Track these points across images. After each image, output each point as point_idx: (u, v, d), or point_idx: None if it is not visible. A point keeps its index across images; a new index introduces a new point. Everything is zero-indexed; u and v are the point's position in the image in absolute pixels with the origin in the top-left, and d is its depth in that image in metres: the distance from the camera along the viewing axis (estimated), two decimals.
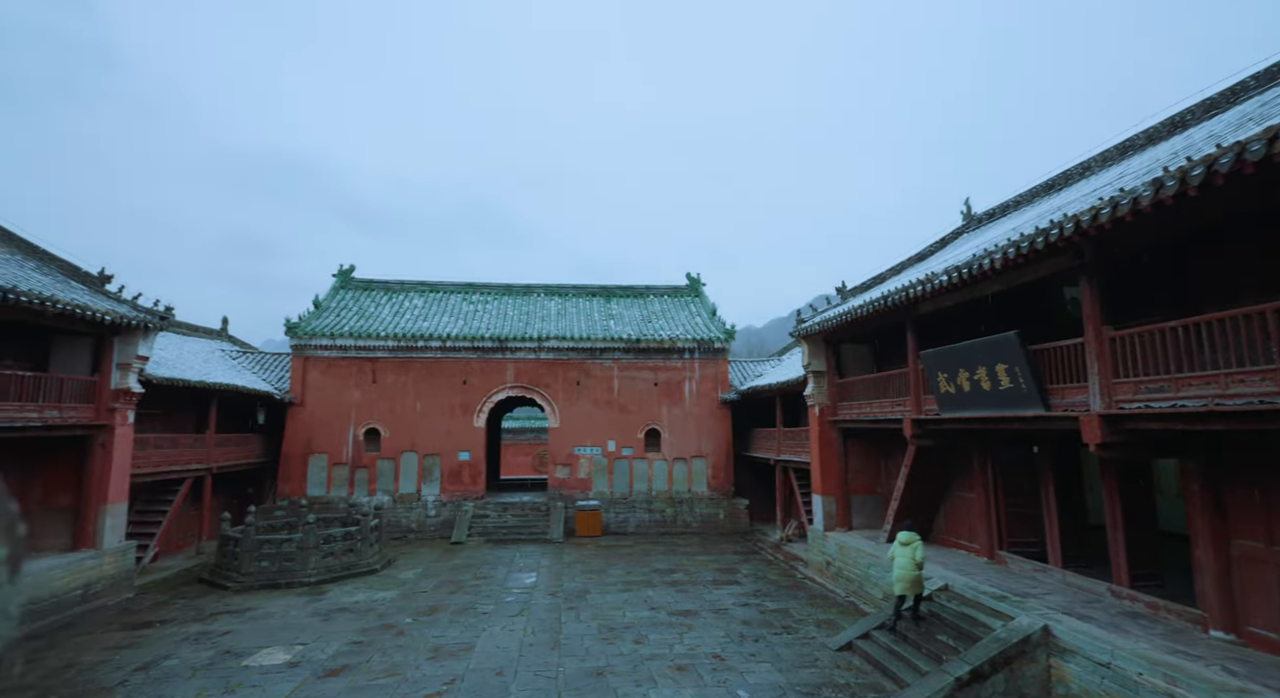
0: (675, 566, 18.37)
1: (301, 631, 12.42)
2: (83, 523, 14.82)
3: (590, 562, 18.92)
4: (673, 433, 25.50)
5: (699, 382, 25.90)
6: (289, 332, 24.23)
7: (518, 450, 46.25)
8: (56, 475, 14.97)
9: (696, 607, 13.98)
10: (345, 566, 17.14)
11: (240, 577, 16.09)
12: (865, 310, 13.75)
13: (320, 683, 9.80)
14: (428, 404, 24.51)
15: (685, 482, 25.30)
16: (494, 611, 13.76)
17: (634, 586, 15.94)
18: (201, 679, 10.00)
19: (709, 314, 28.24)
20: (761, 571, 17.81)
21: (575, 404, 25.27)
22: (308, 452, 23.68)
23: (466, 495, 24.28)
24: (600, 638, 11.85)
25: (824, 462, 17.17)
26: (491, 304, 28.32)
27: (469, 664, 10.54)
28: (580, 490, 24.79)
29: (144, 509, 18.21)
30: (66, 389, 14.16)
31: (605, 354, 25.61)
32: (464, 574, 17.30)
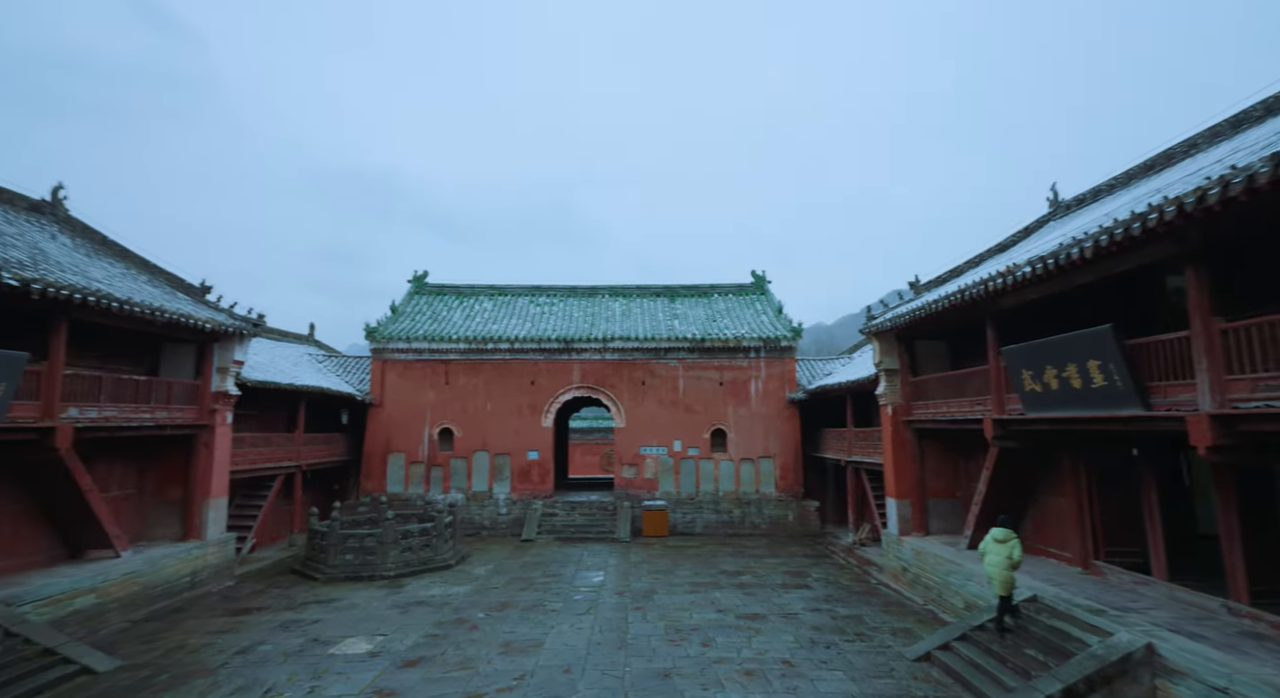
0: (743, 568, 18.11)
1: (382, 622, 13.00)
2: (189, 515, 16.07)
3: (657, 562, 18.92)
4: (739, 433, 25.17)
5: (765, 381, 25.45)
6: (368, 336, 25.46)
7: (585, 450, 46.91)
8: (167, 471, 16.29)
9: (765, 610, 13.72)
10: (422, 560, 17.83)
11: (327, 569, 17.02)
12: (941, 306, 13.10)
13: (398, 673, 10.22)
14: (498, 405, 25.19)
15: (753, 483, 24.92)
16: (562, 608, 13.96)
17: (701, 587, 15.82)
18: (292, 665, 10.62)
19: (775, 312, 27.71)
20: (833, 575, 17.30)
21: (641, 404, 25.35)
22: (387, 451, 24.81)
23: (536, 494, 24.79)
24: (667, 639, 11.81)
25: (898, 464, 16.50)
26: (558, 306, 28.81)
27: (538, 661, 10.73)
28: (647, 490, 24.85)
29: (242, 504, 19.57)
30: (174, 392, 15.39)
31: (670, 354, 25.56)
32: (534, 572, 17.66)
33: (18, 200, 15.81)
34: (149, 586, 13.95)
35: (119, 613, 13.05)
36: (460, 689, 9.54)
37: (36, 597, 11.48)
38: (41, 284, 10.87)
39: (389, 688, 9.59)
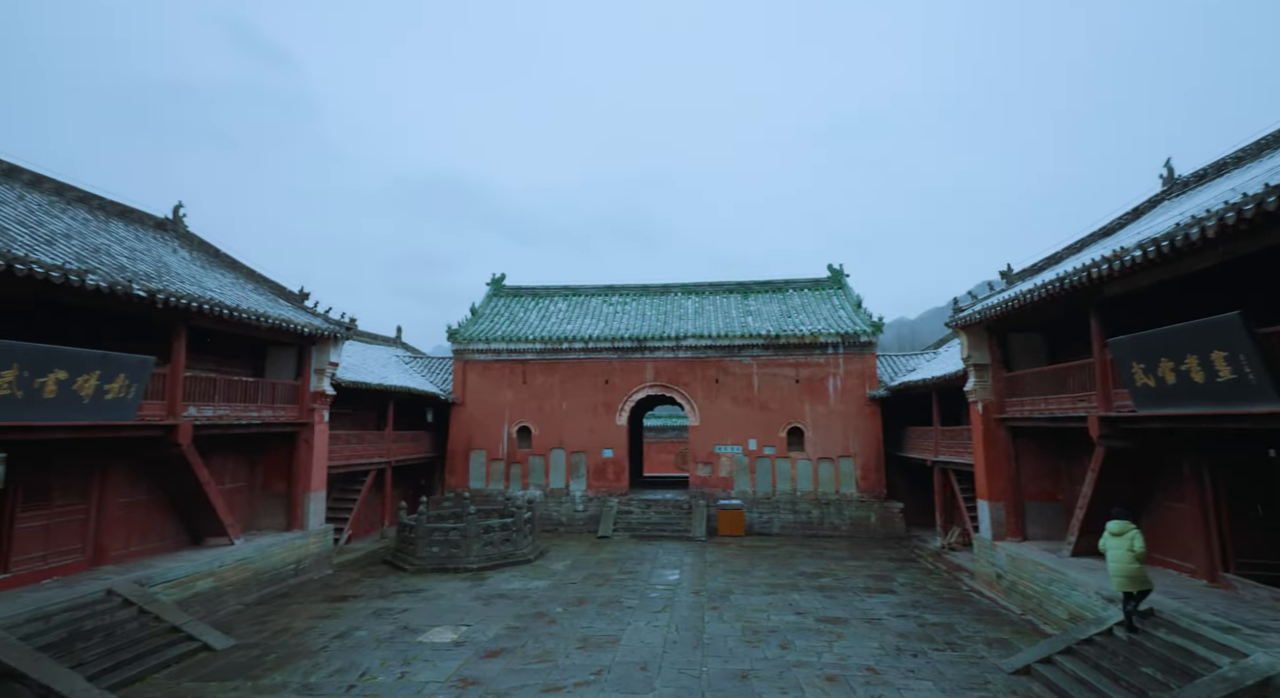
0: (822, 570, 17.59)
1: (466, 613, 13.49)
2: (293, 507, 17.25)
3: (733, 562, 18.68)
4: (816, 432, 24.48)
5: (844, 378, 24.62)
6: (450, 338, 26.51)
7: (660, 448, 47.00)
8: (273, 466, 17.55)
9: (847, 615, 13.25)
10: (503, 555, 18.38)
11: (415, 560, 17.84)
12: (1038, 295, 12.21)
13: (482, 663, 10.55)
14: (573, 403, 25.62)
15: (832, 483, 24.17)
16: (638, 605, 14.01)
17: (779, 588, 15.48)
18: (385, 650, 11.18)
19: (853, 307, 26.76)
20: (920, 580, 16.51)
21: (714, 402, 25.11)
22: (469, 448, 25.75)
23: (611, 492, 25.05)
24: (744, 640, 11.62)
25: (990, 464, 15.53)
26: (630, 305, 28.99)
27: (615, 657, 10.80)
28: (722, 489, 24.60)
29: (339, 497, 20.84)
30: (277, 392, 16.55)
31: (744, 351, 25.18)
32: (610, 568, 17.83)
33: (145, 219, 17.47)
34: (259, 571, 15.08)
35: (234, 596, 14.18)
36: (540, 681, 9.74)
37: (164, 579, 12.64)
38: (164, 294, 11.94)
39: (473, 677, 9.91)
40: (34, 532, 11.96)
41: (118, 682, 9.68)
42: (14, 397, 9.97)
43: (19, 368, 9.90)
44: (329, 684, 9.69)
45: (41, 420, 10.45)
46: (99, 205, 16.22)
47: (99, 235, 14.35)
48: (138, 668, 10.18)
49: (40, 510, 12.12)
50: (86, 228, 14.34)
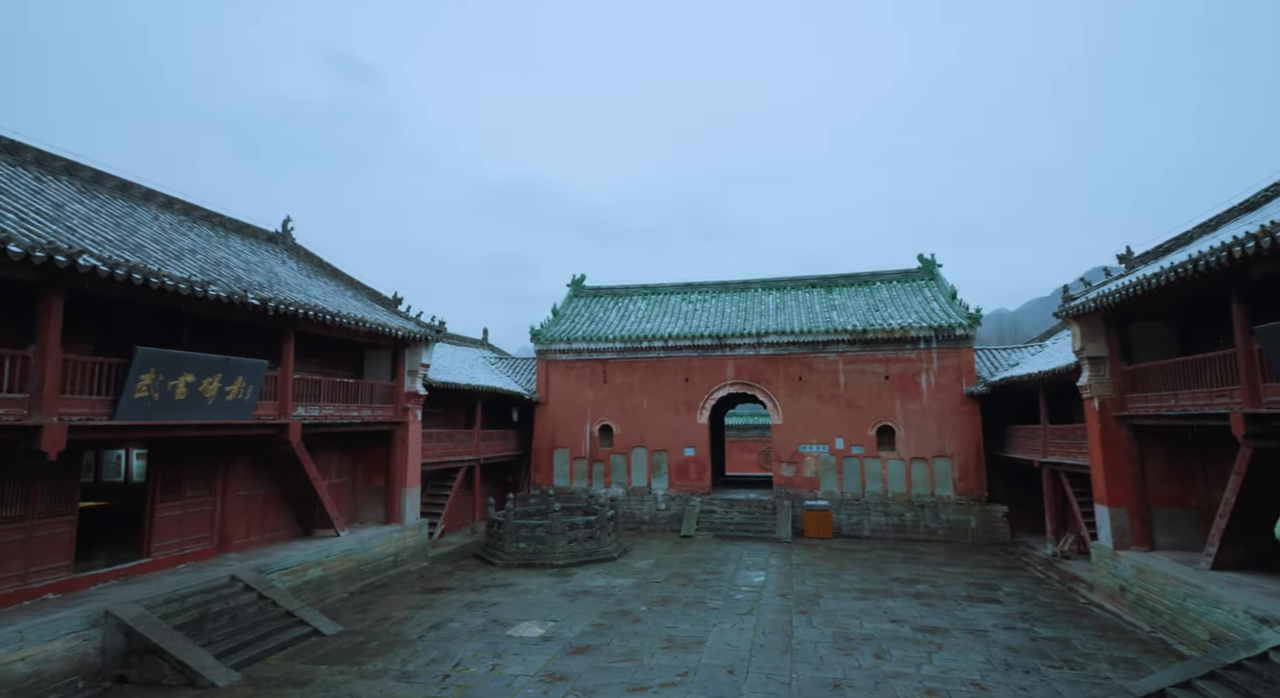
0: (918, 576, 16.67)
1: (552, 609, 13.72)
2: (390, 502, 18.18)
3: (821, 565, 18.05)
4: (908, 430, 23.28)
5: (938, 373, 23.28)
6: (533, 338, 27.18)
7: (742, 447, 46.32)
8: (372, 462, 18.57)
9: (947, 624, 12.46)
10: (587, 552, 18.61)
11: (503, 555, 18.37)
12: (1167, 279, 10.99)
13: (568, 658, 10.67)
14: (653, 402, 25.63)
15: (926, 484, 22.92)
16: (723, 607, 13.78)
17: (871, 594, 14.79)
18: (476, 642, 11.54)
19: (947, 298, 25.26)
20: (1028, 590, 15.32)
21: (798, 400, 24.41)
22: (552, 446, 26.29)
23: (693, 491, 24.86)
24: (836, 647, 11.15)
25: (1110, 466, 14.19)
26: (709, 302, 28.68)
27: (700, 658, 10.64)
28: (808, 489, 23.87)
29: (432, 493, 21.80)
30: (375, 392, 17.49)
31: (828, 347, 24.32)
32: (694, 568, 17.66)
33: (259, 234, 18.93)
34: (362, 562, 15.98)
35: (340, 585, 15.09)
36: (625, 680, 9.73)
37: (280, 567, 13.62)
38: (275, 301, 12.85)
39: (560, 673, 10.04)
40: (170, 521, 13.19)
41: (240, 661, 10.49)
42: (151, 398, 11.01)
43: (155, 372, 10.92)
44: (425, 673, 10.09)
45: (173, 420, 11.48)
46: (220, 223, 17.71)
47: (219, 249, 15.65)
48: (258, 649, 11.00)
49: (175, 502, 13.35)
50: (209, 243, 15.68)
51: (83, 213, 12.41)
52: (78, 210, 12.38)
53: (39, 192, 12.22)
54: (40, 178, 13.01)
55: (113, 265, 9.71)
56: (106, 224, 12.52)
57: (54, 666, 9.29)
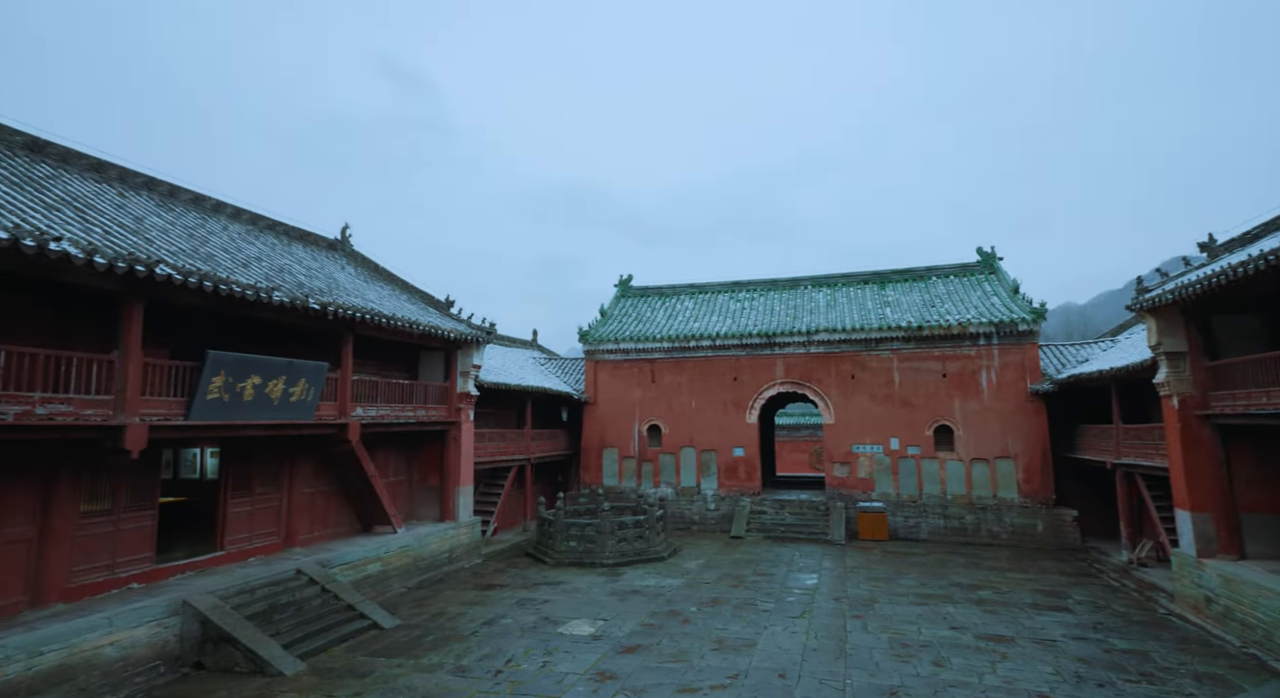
0: (980, 581, 16.01)
1: (602, 607, 13.79)
2: (445, 500, 18.65)
3: (876, 568, 17.55)
4: (968, 430, 22.40)
5: (999, 371, 22.32)
6: (581, 339, 27.41)
7: (793, 447, 45.58)
8: (427, 461, 19.10)
9: (1012, 633, 11.92)
10: (636, 551, 18.64)
11: (554, 554, 18.59)
12: (1257, 267, 10.20)
13: (618, 658, 10.70)
14: (701, 402, 25.47)
15: (988, 486, 22.01)
16: (774, 609, 13.56)
17: (930, 599, 14.29)
18: (528, 639, 11.70)
19: (1009, 292, 24.19)
20: (1102, 598, 14.50)
21: (850, 399, 23.82)
22: (601, 446, 26.46)
23: (743, 491, 24.59)
24: (892, 654, 10.81)
25: (1191, 468, 13.29)
26: (758, 300, 28.32)
27: (751, 661, 10.49)
28: (861, 491, 23.27)
29: (485, 491, 22.25)
30: (429, 393, 17.97)
31: (882, 345, 23.65)
32: (744, 569, 17.46)
33: (319, 241, 19.73)
34: (418, 558, 16.44)
35: (397, 580, 15.57)
36: (675, 681, 9.68)
37: (342, 561, 14.15)
38: (334, 306, 13.36)
39: (610, 671, 10.07)
40: (240, 516, 13.88)
41: (305, 651, 10.94)
42: (222, 400, 11.60)
43: (225, 374, 11.50)
44: (479, 668, 10.29)
45: (242, 420, 12.07)
46: (284, 231, 18.54)
47: (283, 257, 16.37)
48: (321, 640, 11.45)
49: (245, 498, 14.04)
50: (273, 251, 16.43)
51: (160, 225, 13.18)
52: (155, 223, 13.16)
53: (121, 206, 13.05)
54: (123, 193, 13.89)
55: (186, 274, 10.28)
56: (181, 235, 13.26)
57: (139, 651, 9.90)
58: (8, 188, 10.57)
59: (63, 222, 10.33)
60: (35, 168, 12.31)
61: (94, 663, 9.31)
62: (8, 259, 8.56)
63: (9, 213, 9.44)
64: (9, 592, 9.86)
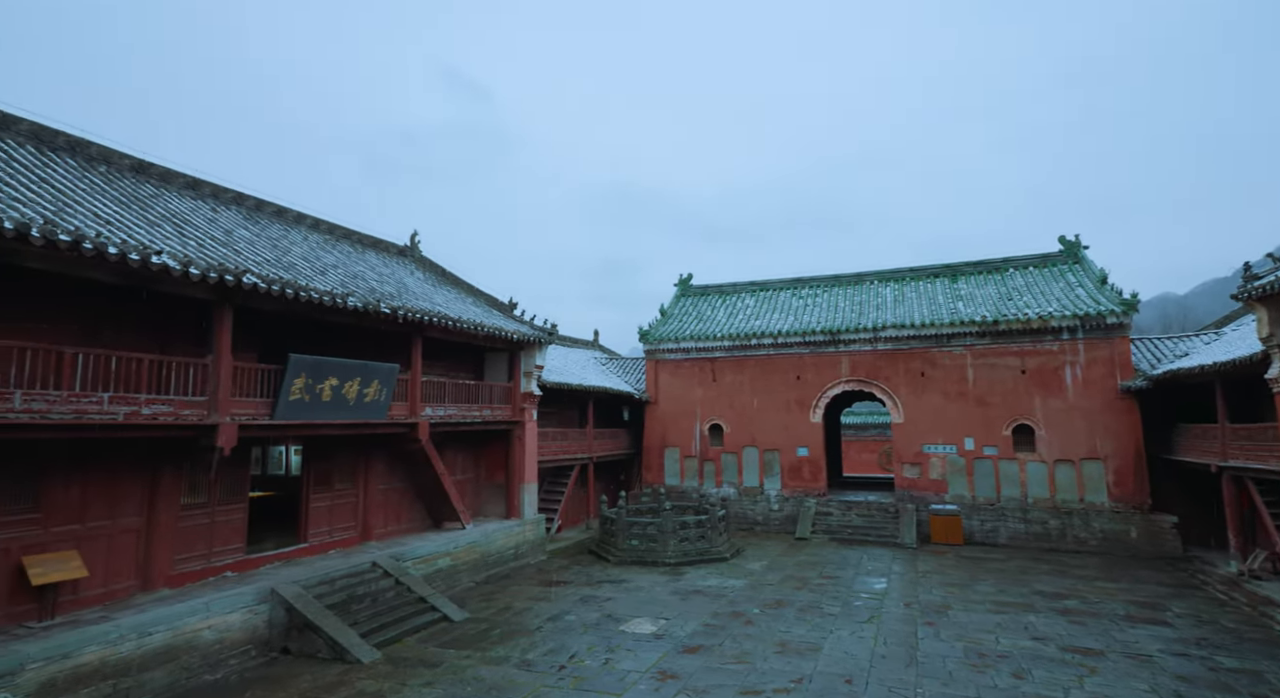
0: (1066, 590, 15.07)
1: (664, 606, 13.79)
2: (510, 497, 19.12)
3: (950, 573, 16.81)
4: (1050, 430, 21.13)
5: (1085, 367, 20.95)
6: (641, 338, 27.52)
7: (861, 447, 44.29)
8: (493, 459, 19.63)
9: (1101, 646, 11.16)
10: (698, 551, 18.55)
11: (616, 552, 18.74)
12: None
13: (680, 657, 10.67)
14: (763, 400, 25.09)
15: (1073, 489, 20.69)
16: (840, 613, 13.20)
17: (1009, 607, 13.56)
18: (591, 636, 11.84)
19: (1096, 283, 22.66)
20: (1207, 612, 13.37)
21: (921, 397, 22.91)
22: (663, 445, 26.48)
23: (808, 492, 24.07)
24: (967, 663, 10.32)
25: None
26: (821, 297, 27.65)
27: (816, 665, 10.24)
28: (933, 492, 22.34)
29: (549, 490, 22.68)
30: (494, 393, 18.48)
31: (954, 341, 22.63)
32: (809, 572, 17.08)
33: (390, 248, 20.63)
34: (485, 554, 16.93)
35: (466, 574, 16.08)
36: (738, 683, 9.57)
37: (414, 556, 14.73)
38: (404, 310, 13.94)
39: (672, 671, 10.06)
40: (321, 511, 14.67)
41: (380, 641, 11.45)
42: (303, 400, 12.30)
43: (305, 376, 12.19)
44: (543, 663, 10.49)
45: (321, 419, 12.75)
46: (358, 240, 19.48)
47: (357, 264, 17.21)
48: (396, 631, 11.96)
49: (325, 493, 14.84)
50: (349, 259, 17.29)
51: (247, 237, 14.11)
52: (243, 235, 14.10)
53: (214, 220, 14.05)
54: (215, 208, 14.94)
55: (269, 282, 10.96)
56: (266, 246, 14.15)
57: (233, 635, 10.64)
58: (117, 206, 11.56)
59: (163, 236, 11.20)
60: (140, 187, 13.41)
61: (194, 645, 10.06)
62: (116, 271, 9.37)
63: (118, 229, 10.32)
64: (122, 576, 10.78)
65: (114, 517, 10.80)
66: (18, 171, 10.64)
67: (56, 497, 10.11)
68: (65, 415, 8.97)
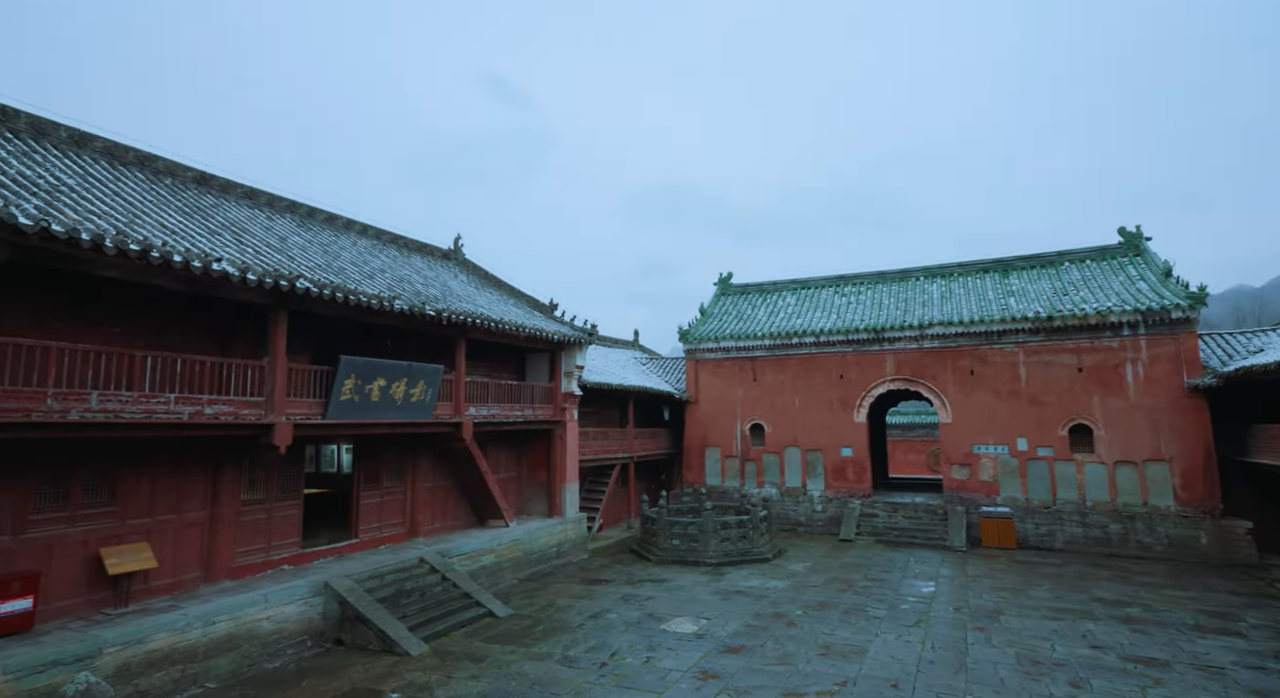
0: (1128, 597, 14.41)
1: (705, 606, 13.76)
2: (552, 496, 19.37)
3: (1002, 578, 16.27)
4: (1110, 430, 20.22)
5: (1149, 364, 19.97)
6: (681, 338, 27.49)
7: (907, 448, 43.22)
8: (535, 459, 19.92)
9: (1167, 657, 10.63)
10: (740, 552, 18.42)
11: (657, 551, 18.77)
12: None
13: (721, 657, 10.64)
14: (805, 400, 24.75)
15: (1136, 492, 19.75)
16: (887, 616, 12.92)
17: (1065, 614, 13.04)
18: (632, 634, 11.91)
19: (1159, 275, 21.58)
20: None
21: (970, 396, 22.23)
22: (703, 445, 26.39)
23: (852, 493, 23.63)
24: (1020, 670, 9.98)
25: None
26: (865, 294, 27.11)
27: (860, 669, 10.07)
28: (984, 494, 21.64)
29: (590, 489, 22.87)
30: (535, 393, 18.74)
31: (1005, 338, 21.88)
32: (854, 574, 16.77)
33: (434, 252, 21.16)
34: (528, 552, 17.20)
35: (510, 571, 16.36)
36: (780, 684, 9.48)
37: (459, 552, 15.07)
38: (448, 312, 14.28)
39: (713, 670, 10.04)
40: (371, 507, 15.16)
41: (428, 634, 11.76)
42: (353, 401, 12.73)
43: (355, 377, 12.61)
44: (585, 660, 10.61)
45: (370, 419, 13.18)
46: (404, 244, 20.05)
47: (403, 268, 17.71)
48: (442, 625, 12.27)
49: (375, 491, 15.32)
50: (395, 263, 17.81)
51: (300, 243, 14.68)
52: (296, 241, 14.68)
53: (269, 228, 14.67)
54: (270, 217, 15.61)
55: (320, 286, 11.39)
56: (318, 252, 14.70)
57: (290, 625, 11.09)
58: (181, 217, 12.20)
59: (222, 244, 11.76)
60: (202, 198, 14.11)
61: (255, 634, 10.53)
62: (181, 278, 9.90)
63: (182, 238, 10.89)
64: (188, 567, 11.37)
65: (180, 511, 11.39)
66: (93, 185, 11.33)
67: (129, 491, 10.73)
68: (136, 415, 9.50)
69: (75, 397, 8.89)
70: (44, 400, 8.59)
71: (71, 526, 10.01)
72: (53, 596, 9.59)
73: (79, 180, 11.19)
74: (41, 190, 9.76)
